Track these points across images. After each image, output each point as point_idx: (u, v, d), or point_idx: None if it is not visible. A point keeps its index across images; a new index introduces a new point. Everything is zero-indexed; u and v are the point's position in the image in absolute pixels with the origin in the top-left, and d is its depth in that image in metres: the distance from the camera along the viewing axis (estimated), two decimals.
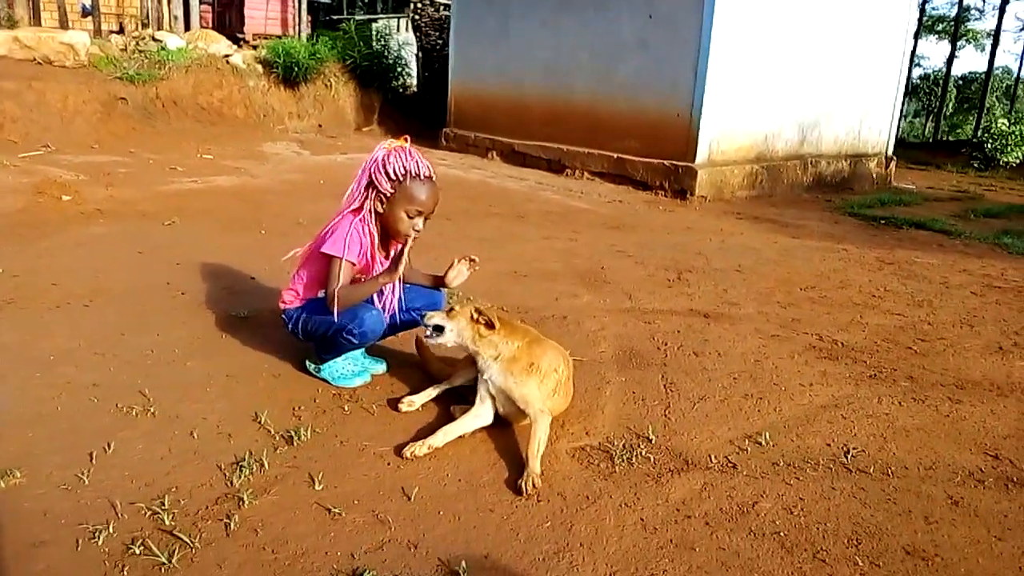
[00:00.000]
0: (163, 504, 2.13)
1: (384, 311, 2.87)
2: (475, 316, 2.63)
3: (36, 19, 10.53)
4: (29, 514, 2.07)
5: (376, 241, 2.83)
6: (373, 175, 2.74)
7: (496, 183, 8.52)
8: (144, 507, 2.12)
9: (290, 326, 2.97)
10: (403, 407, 2.79)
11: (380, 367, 3.15)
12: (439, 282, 3.02)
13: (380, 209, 2.79)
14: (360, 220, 2.78)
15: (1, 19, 10.34)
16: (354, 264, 2.79)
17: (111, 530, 2.01)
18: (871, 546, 2.16)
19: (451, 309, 2.70)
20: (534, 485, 2.32)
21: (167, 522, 2.06)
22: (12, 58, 9.23)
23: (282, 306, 2.99)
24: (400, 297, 2.95)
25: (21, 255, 4.44)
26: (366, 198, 2.78)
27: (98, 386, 2.84)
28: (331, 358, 2.97)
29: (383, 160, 2.73)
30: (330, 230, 2.79)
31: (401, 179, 2.73)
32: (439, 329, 2.66)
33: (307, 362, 3.06)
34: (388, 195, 2.75)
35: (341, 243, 2.73)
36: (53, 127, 8.61)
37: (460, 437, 2.59)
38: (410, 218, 2.78)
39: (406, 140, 2.80)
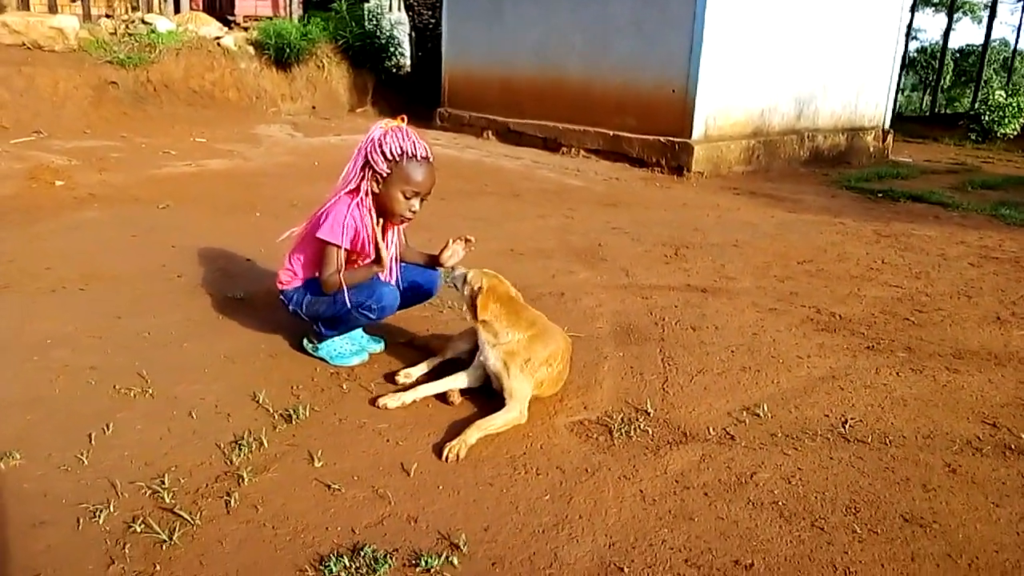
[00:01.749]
0: (163, 483, 2.13)
1: None
2: (473, 298, 2.61)
3: (24, 3, 10.41)
4: (29, 495, 2.07)
5: (374, 223, 2.82)
6: (369, 155, 2.71)
7: (491, 162, 8.48)
8: (144, 486, 2.12)
9: (291, 307, 2.95)
10: (400, 379, 2.81)
11: (378, 346, 3.14)
12: (434, 261, 3.01)
13: (376, 189, 2.76)
14: (358, 203, 2.75)
15: None
16: (349, 249, 2.78)
17: (111, 509, 2.01)
18: (869, 514, 2.17)
19: (465, 277, 2.71)
20: (458, 455, 2.33)
21: (167, 500, 2.06)
22: (1, 43, 9.12)
23: (280, 287, 2.98)
24: (397, 277, 2.94)
25: (14, 240, 4.42)
26: (363, 178, 2.75)
27: (95, 369, 2.84)
28: (336, 335, 2.95)
29: (379, 140, 2.70)
30: (326, 212, 2.77)
31: (398, 160, 2.70)
32: (454, 285, 2.77)
33: (305, 341, 3.06)
34: (384, 176, 2.72)
35: (338, 229, 2.71)
36: (44, 112, 8.54)
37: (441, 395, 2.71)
38: (406, 199, 2.77)
39: (403, 120, 2.77)
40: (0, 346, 3.00)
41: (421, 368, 2.87)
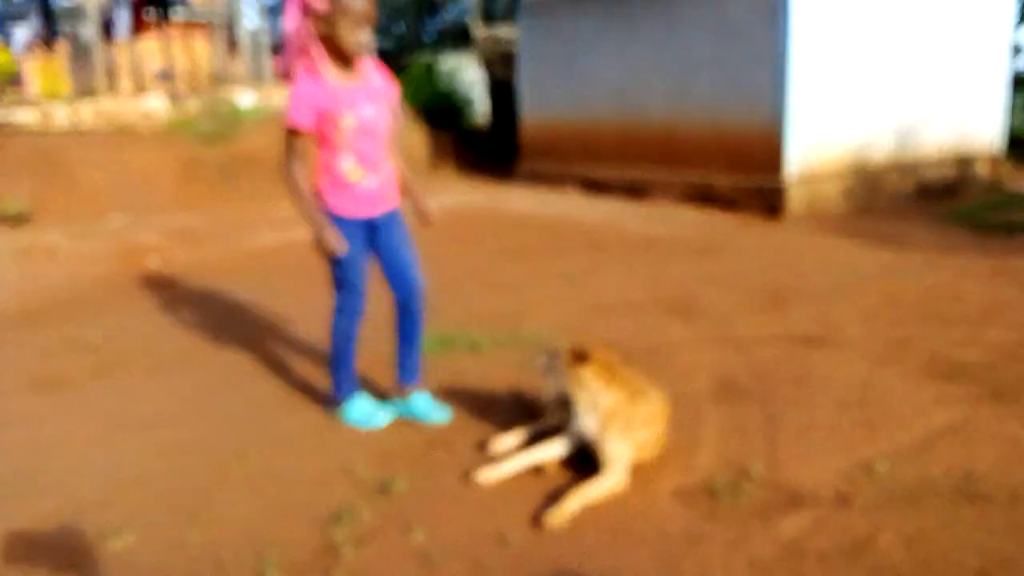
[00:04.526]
0: (267, 559, 2.16)
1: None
2: (572, 359, 2.58)
3: (114, 89, 11.19)
4: (143, 574, 2.14)
5: (329, 78, 2.74)
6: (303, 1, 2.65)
7: (574, 215, 8.47)
8: (249, 562, 2.16)
9: None
10: (493, 448, 2.78)
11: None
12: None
13: (325, 32, 2.70)
14: (307, 69, 2.72)
15: (83, 92, 11.02)
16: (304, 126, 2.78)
17: None
18: None
19: (556, 353, 2.67)
20: (557, 525, 2.27)
21: None
22: (95, 128, 9.74)
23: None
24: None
25: (117, 323, 4.69)
26: (307, 33, 2.69)
27: (198, 444, 2.95)
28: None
29: None
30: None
31: None
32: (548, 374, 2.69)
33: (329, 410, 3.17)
34: (327, 16, 2.65)
35: (294, 108, 2.73)
36: (138, 192, 8.94)
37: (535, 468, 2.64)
38: (355, 30, 2.70)
39: None
40: (112, 427, 3.17)
41: (516, 436, 2.83)
